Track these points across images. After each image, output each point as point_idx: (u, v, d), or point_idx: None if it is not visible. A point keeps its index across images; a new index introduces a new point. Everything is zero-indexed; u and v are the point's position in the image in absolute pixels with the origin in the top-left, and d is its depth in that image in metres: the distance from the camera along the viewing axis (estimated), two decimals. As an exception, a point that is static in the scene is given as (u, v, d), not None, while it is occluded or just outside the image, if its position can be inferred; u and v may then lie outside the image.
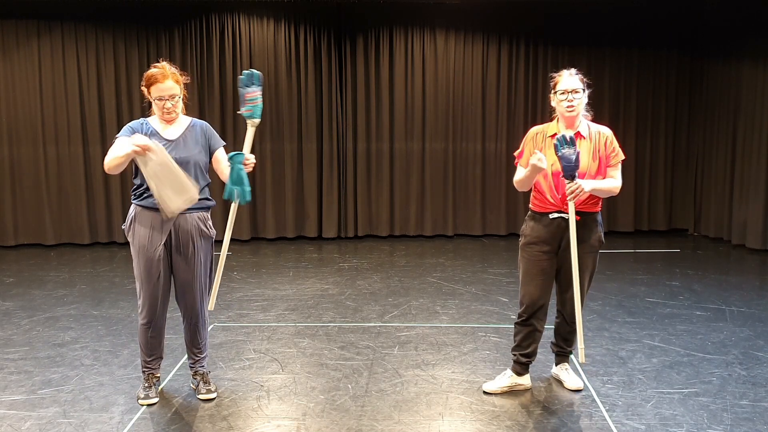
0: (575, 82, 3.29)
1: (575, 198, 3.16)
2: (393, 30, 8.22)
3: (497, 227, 8.51)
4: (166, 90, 3.25)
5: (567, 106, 3.28)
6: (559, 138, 3.15)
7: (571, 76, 3.31)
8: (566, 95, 3.28)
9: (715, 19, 8.05)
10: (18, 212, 7.97)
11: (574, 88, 3.28)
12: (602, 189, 3.29)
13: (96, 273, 6.57)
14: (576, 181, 3.14)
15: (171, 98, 3.27)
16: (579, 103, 3.29)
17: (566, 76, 3.32)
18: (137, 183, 3.31)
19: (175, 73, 3.30)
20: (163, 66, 3.29)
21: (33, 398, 3.49)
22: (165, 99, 3.26)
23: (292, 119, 8.22)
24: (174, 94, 3.27)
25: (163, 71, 3.25)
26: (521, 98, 8.41)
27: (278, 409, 3.35)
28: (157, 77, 3.24)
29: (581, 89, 3.30)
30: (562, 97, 3.30)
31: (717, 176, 8.14)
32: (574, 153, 3.12)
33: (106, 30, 7.85)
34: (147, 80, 3.27)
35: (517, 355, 3.55)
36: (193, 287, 3.41)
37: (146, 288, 3.35)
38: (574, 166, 3.12)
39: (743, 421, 3.19)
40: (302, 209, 8.39)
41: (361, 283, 6.06)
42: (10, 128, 7.85)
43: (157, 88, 3.25)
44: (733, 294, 5.55)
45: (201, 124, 3.45)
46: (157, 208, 3.23)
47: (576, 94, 3.27)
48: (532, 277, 3.42)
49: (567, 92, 3.28)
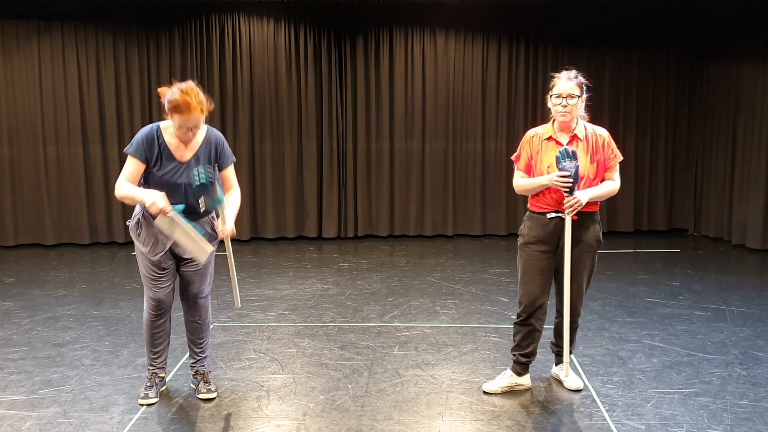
0: (571, 87, 3.28)
1: (573, 212, 3.21)
2: (393, 30, 8.22)
3: (497, 227, 8.51)
4: (189, 122, 3.10)
5: (561, 111, 3.29)
6: (562, 151, 3.18)
7: (569, 80, 3.30)
8: (561, 99, 3.28)
9: (715, 19, 8.05)
10: (18, 212, 7.97)
11: (570, 93, 3.27)
12: (600, 195, 3.34)
13: (96, 273, 6.57)
14: (574, 195, 3.18)
15: (193, 129, 3.15)
16: (573, 109, 3.29)
17: (563, 80, 3.31)
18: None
19: (202, 102, 3.11)
20: (190, 92, 3.07)
21: (33, 398, 3.49)
22: (186, 128, 3.13)
23: (292, 119, 8.22)
24: (197, 126, 3.14)
25: (190, 102, 3.05)
26: (521, 98, 8.41)
27: (278, 409, 3.35)
28: (182, 108, 3.05)
29: (577, 95, 3.29)
30: (557, 101, 3.30)
31: (717, 176, 8.14)
32: (574, 167, 3.16)
33: (106, 30, 7.85)
34: (172, 106, 3.07)
35: (517, 355, 3.55)
36: (197, 286, 3.43)
37: (151, 286, 3.36)
38: (574, 180, 3.16)
39: (743, 421, 3.19)
40: (302, 209, 8.39)
41: (361, 283, 6.06)
42: (10, 128, 7.85)
43: (180, 119, 3.09)
44: (733, 294, 5.55)
45: (215, 139, 3.33)
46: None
47: (571, 99, 3.27)
48: (530, 276, 3.42)
49: (562, 96, 3.28)
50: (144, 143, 3.18)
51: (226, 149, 3.39)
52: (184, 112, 3.06)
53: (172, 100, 3.06)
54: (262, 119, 8.17)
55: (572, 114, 3.29)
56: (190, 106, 3.05)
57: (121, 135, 7.95)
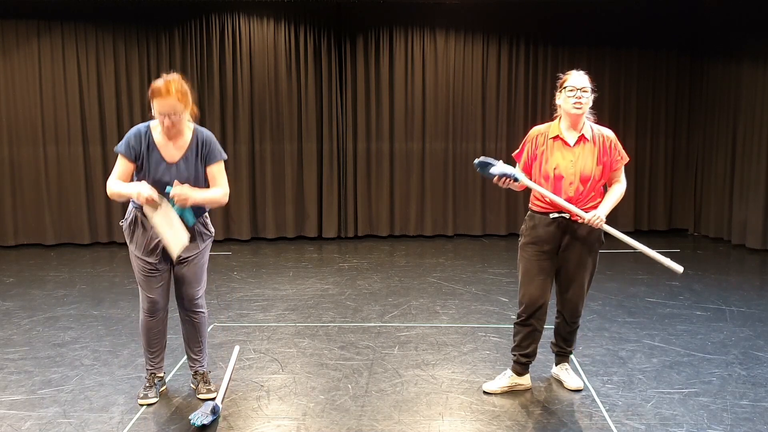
0: (585, 81, 3.30)
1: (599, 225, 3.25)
2: (393, 30, 8.22)
3: (497, 227, 8.51)
4: (166, 107, 3.07)
5: (574, 102, 3.26)
6: (479, 165, 3.29)
7: (582, 75, 3.32)
8: (575, 92, 3.27)
9: (715, 19, 8.05)
10: (18, 212, 7.97)
11: (584, 86, 3.28)
12: (614, 204, 3.38)
13: (96, 273, 6.57)
14: (592, 213, 3.22)
15: (171, 116, 3.10)
16: (586, 102, 3.29)
17: (576, 75, 3.32)
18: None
19: (180, 90, 3.10)
20: (171, 80, 3.10)
21: (33, 398, 3.49)
22: (164, 115, 3.11)
23: (292, 119, 8.22)
24: (175, 111, 3.09)
25: (168, 86, 3.07)
26: (521, 98, 8.41)
27: (278, 409, 3.35)
28: (160, 91, 3.07)
29: (590, 89, 3.30)
30: (570, 94, 3.28)
31: (717, 176, 8.14)
32: (499, 168, 3.25)
33: (106, 30, 7.85)
34: (151, 92, 3.11)
35: (517, 355, 3.55)
36: (192, 286, 3.42)
37: (146, 286, 3.36)
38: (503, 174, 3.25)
39: (743, 421, 3.18)
40: (302, 209, 8.39)
41: (361, 283, 6.05)
42: (10, 128, 7.85)
43: (158, 103, 3.08)
44: (733, 294, 5.55)
45: (203, 137, 3.30)
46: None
47: (585, 93, 3.28)
48: (531, 277, 3.41)
49: (576, 89, 3.27)
50: (132, 140, 3.21)
51: (214, 146, 3.31)
52: (161, 96, 3.07)
53: (152, 85, 3.12)
54: (262, 119, 8.17)
55: (584, 108, 3.29)
56: (167, 90, 3.06)
57: (121, 135, 7.83)
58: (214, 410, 3.20)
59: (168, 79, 3.11)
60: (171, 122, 3.13)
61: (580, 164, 3.29)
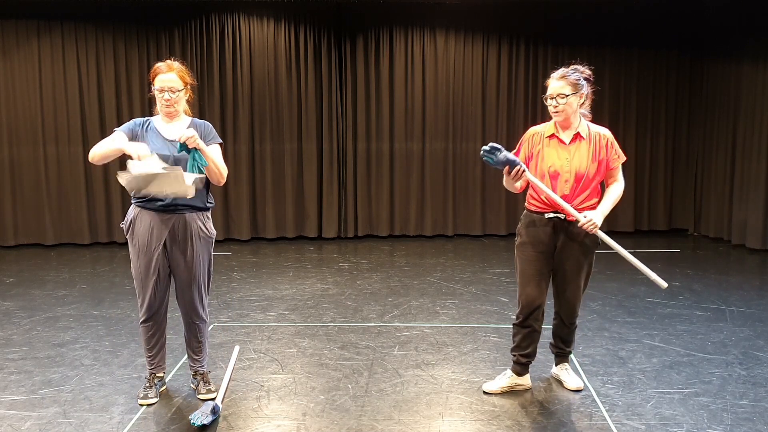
0: (560, 86, 3.28)
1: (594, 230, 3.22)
2: (393, 30, 8.22)
3: (497, 227, 8.51)
4: (167, 81, 3.27)
5: (552, 111, 3.32)
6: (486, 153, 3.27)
7: (558, 79, 3.30)
8: (552, 100, 3.30)
9: (715, 19, 8.05)
10: (18, 212, 7.97)
11: (559, 92, 3.28)
12: (612, 205, 3.35)
13: (96, 273, 6.57)
14: (587, 216, 3.19)
15: (171, 90, 3.27)
16: (566, 108, 3.28)
17: (553, 81, 3.32)
18: None
19: (181, 69, 3.33)
20: (172, 61, 3.36)
21: (33, 398, 3.49)
22: (165, 90, 3.27)
23: (292, 119, 8.22)
24: (174, 87, 3.28)
25: (169, 64, 3.31)
26: (521, 98, 8.41)
27: (278, 409, 3.35)
28: (161, 68, 3.29)
29: (567, 93, 3.27)
30: (548, 102, 3.32)
31: (717, 176, 8.14)
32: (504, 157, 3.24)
33: (106, 30, 7.85)
34: (152, 72, 3.32)
35: (517, 356, 3.55)
36: (191, 287, 3.41)
37: (145, 287, 3.36)
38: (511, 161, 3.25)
39: (743, 421, 3.18)
40: (302, 209, 8.40)
41: (361, 283, 6.06)
42: (10, 128, 7.85)
43: (159, 79, 3.27)
44: (733, 294, 5.55)
45: (200, 123, 3.43)
46: (157, 209, 3.24)
47: (561, 99, 3.27)
48: (528, 278, 3.41)
49: (552, 97, 3.30)
50: (131, 123, 3.36)
51: (211, 129, 3.43)
52: (162, 71, 3.27)
53: (154, 66, 3.34)
54: (262, 119, 8.17)
55: (565, 113, 3.29)
56: (169, 67, 3.29)
57: (121, 135, 7.94)
58: (214, 410, 3.20)
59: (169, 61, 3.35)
60: (170, 98, 3.27)
61: (576, 162, 3.29)
